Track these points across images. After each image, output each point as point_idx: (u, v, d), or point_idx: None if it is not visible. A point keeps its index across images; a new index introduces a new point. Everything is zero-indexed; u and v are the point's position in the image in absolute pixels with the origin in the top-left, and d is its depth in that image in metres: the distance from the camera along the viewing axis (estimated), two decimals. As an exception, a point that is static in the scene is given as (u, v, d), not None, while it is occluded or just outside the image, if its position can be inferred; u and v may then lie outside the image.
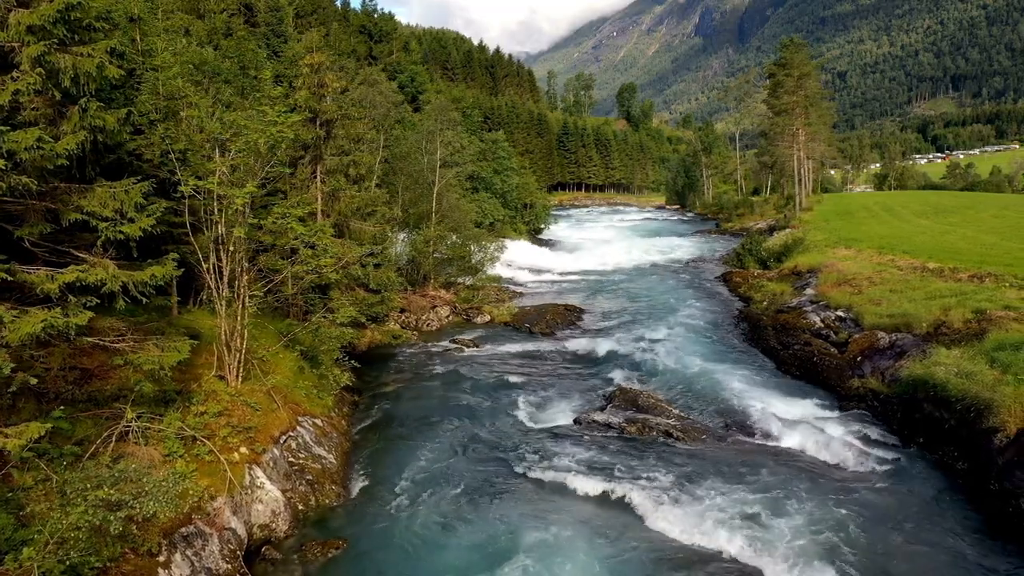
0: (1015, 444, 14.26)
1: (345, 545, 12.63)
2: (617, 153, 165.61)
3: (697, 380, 22.86)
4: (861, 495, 14.69)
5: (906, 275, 28.39)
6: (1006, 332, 18.21)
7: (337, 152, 22.09)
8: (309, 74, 21.48)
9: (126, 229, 10.25)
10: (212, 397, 13.44)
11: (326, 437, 16.01)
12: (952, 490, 14.94)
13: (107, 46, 9.83)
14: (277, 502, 12.96)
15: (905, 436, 17.65)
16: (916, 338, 21.43)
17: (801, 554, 12.34)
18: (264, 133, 12.80)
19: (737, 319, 31.49)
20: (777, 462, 16.33)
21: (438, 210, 33.57)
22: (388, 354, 25.19)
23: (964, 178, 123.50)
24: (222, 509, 11.82)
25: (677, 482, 15.01)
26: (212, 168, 12.90)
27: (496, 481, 15.38)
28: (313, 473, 14.51)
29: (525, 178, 59.06)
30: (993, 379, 15.77)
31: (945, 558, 12.36)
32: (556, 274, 47.16)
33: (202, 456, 12.18)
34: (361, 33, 78.86)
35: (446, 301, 31.99)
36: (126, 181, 10.60)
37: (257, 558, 12.26)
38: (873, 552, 12.46)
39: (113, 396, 12.33)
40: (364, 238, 21.87)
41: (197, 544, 11.16)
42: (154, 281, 10.48)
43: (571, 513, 14.02)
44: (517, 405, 20.57)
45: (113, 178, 11.89)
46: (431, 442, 17.49)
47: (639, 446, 17.21)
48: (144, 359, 10.98)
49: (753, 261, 43.81)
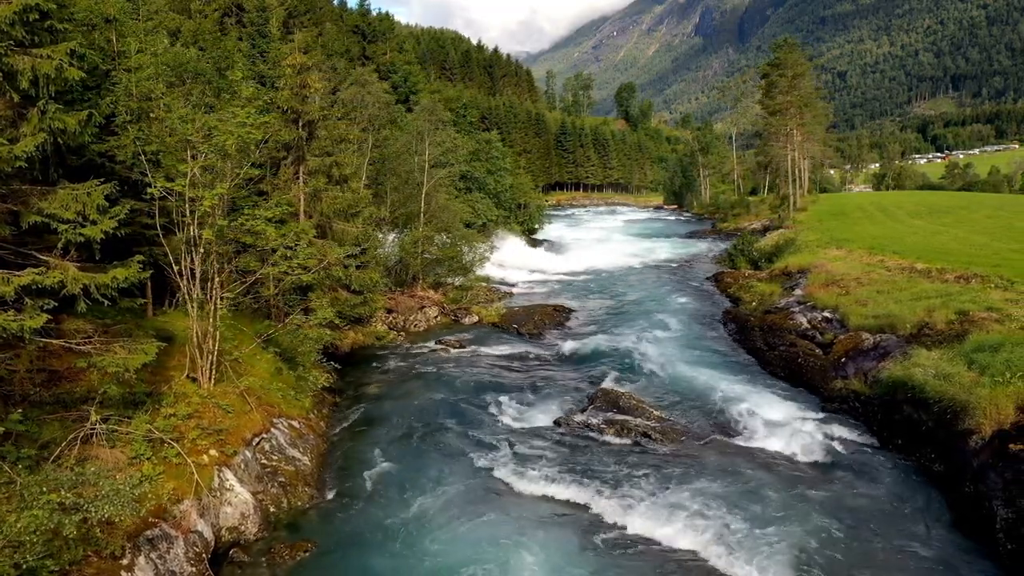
0: (990, 446, 14.21)
1: (314, 547, 12.60)
2: (615, 153, 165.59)
3: (681, 381, 22.84)
4: (835, 497, 14.65)
5: (894, 276, 28.32)
6: (986, 333, 18.15)
7: (320, 153, 22.06)
8: (292, 75, 21.45)
9: (87, 231, 10.22)
10: (182, 399, 13.41)
11: (302, 439, 15.98)
12: (927, 492, 14.90)
13: (68, 48, 9.80)
14: (247, 504, 12.93)
15: (884, 438, 17.61)
16: (900, 339, 21.35)
17: (768, 556, 12.30)
18: (232, 135, 12.77)
19: (725, 320, 31.43)
20: (753, 464, 16.29)
21: (426, 211, 33.53)
22: (372, 355, 25.16)
23: (962, 178, 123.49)
24: (189, 512, 11.79)
25: (650, 484, 14.97)
26: (183, 170, 12.87)
27: (471, 483, 15.35)
28: (286, 475, 14.48)
29: (519, 178, 59.00)
30: (970, 381, 15.71)
31: (913, 561, 12.32)
32: (548, 274, 47.12)
33: (170, 458, 12.15)
34: (355, 33, 78.86)
35: (435, 302, 31.96)
36: (89, 183, 10.58)
37: (225, 561, 12.24)
38: (841, 554, 12.42)
39: (82, 398, 12.30)
40: (347, 239, 21.84)
41: (162, 547, 11.13)
42: (116, 284, 10.45)
43: (543, 516, 13.99)
44: (499, 406, 20.52)
45: (85, 180, 11.87)
46: (409, 444, 17.47)
47: (616, 448, 17.18)
48: (108, 361, 10.95)
49: (745, 261, 43.75)
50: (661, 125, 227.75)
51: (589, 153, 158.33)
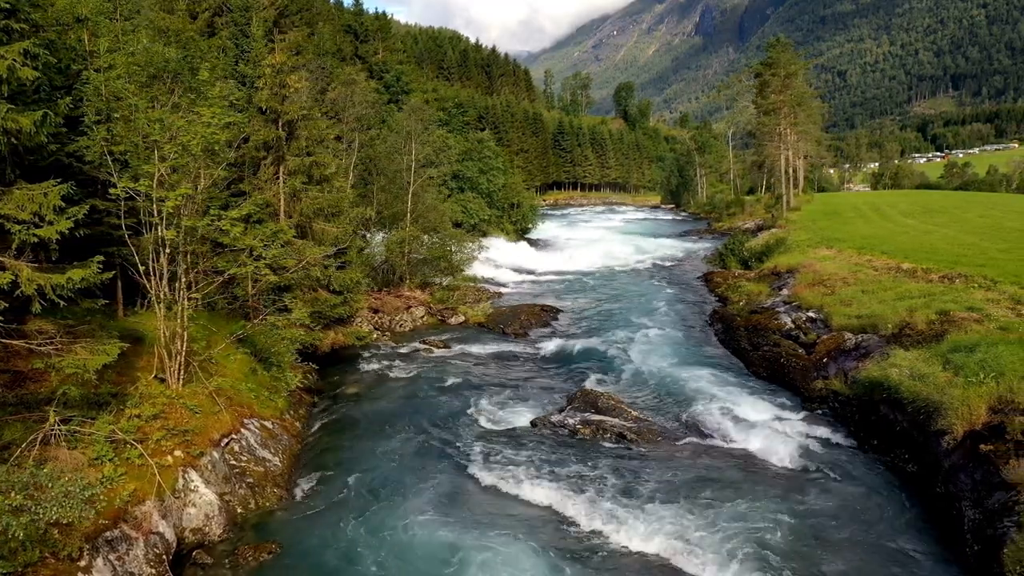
0: (961, 447, 14.15)
1: (278, 548, 12.55)
2: (613, 152, 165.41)
3: (664, 382, 22.78)
4: (807, 497, 14.60)
5: (880, 275, 28.23)
6: (965, 334, 18.08)
7: (300, 153, 21.99)
8: (271, 75, 21.40)
9: (42, 232, 10.17)
10: (148, 400, 13.36)
11: (274, 439, 15.93)
12: (900, 493, 14.86)
13: (21, 48, 9.76)
14: (211, 505, 12.88)
15: (861, 438, 17.57)
16: (881, 339, 21.28)
17: (735, 557, 12.25)
18: (197, 135, 12.71)
19: (712, 320, 31.37)
20: (728, 464, 16.25)
21: (413, 210, 33.47)
22: (354, 355, 25.10)
23: (960, 177, 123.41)
24: (150, 513, 11.74)
25: (622, 485, 14.91)
26: (147, 171, 12.82)
27: (443, 484, 15.29)
28: (255, 476, 14.43)
29: (512, 178, 58.89)
30: (944, 381, 15.64)
31: (880, 563, 12.25)
32: (538, 274, 47.04)
33: (132, 460, 12.10)
34: (347, 32, 78.72)
35: (421, 302, 31.90)
36: (46, 184, 10.53)
37: (188, 562, 12.19)
38: (809, 554, 12.37)
39: (45, 399, 12.26)
40: (327, 239, 21.78)
41: (121, 548, 11.08)
42: (72, 285, 10.40)
43: (513, 517, 13.93)
44: (478, 407, 20.47)
45: (50, 180, 11.80)
46: (384, 444, 17.42)
47: (591, 448, 17.12)
48: (67, 362, 10.90)
49: (735, 261, 43.68)
50: (660, 124, 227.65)
51: (587, 152, 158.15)
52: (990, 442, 13.48)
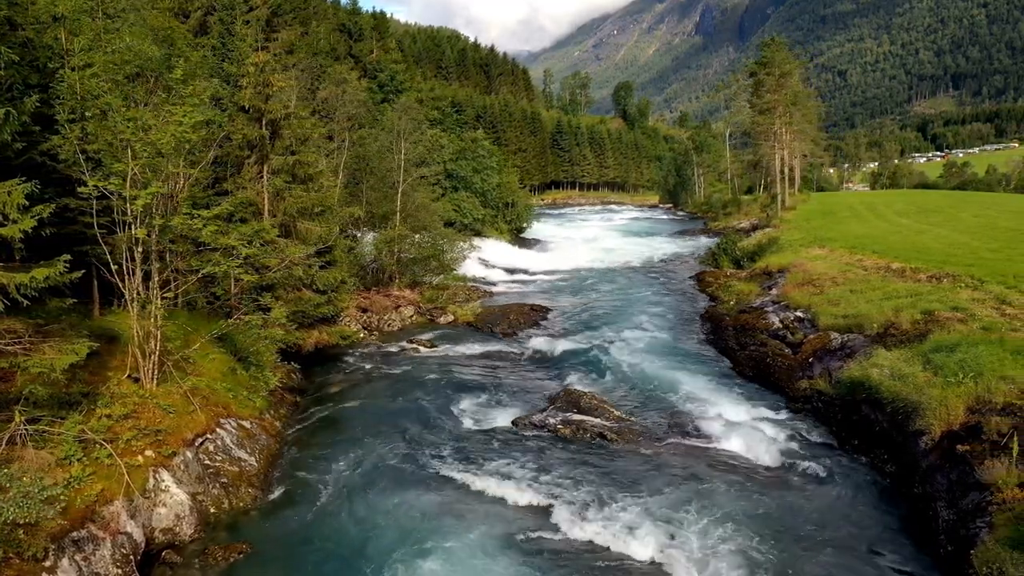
0: (938, 447, 14.08)
1: (248, 548, 12.48)
2: (612, 152, 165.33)
3: (649, 381, 22.71)
4: (785, 497, 14.53)
5: (869, 275, 28.15)
6: (947, 333, 18.00)
7: (284, 152, 21.93)
8: (255, 73, 21.33)
9: (4, 231, 10.12)
10: (119, 399, 13.30)
11: (251, 439, 15.86)
12: (878, 494, 14.79)
13: (-18, 46, 9.70)
14: (182, 505, 12.82)
15: (842, 438, 17.51)
16: (867, 339, 21.20)
17: (711, 557, 12.18)
18: (167, 134, 12.65)
19: (702, 320, 31.31)
20: (708, 464, 16.17)
21: (403, 210, 33.40)
22: (340, 354, 25.03)
23: (959, 176, 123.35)
24: (118, 513, 11.68)
25: (600, 485, 14.83)
26: (118, 170, 12.76)
27: (420, 484, 15.21)
28: (229, 476, 14.37)
29: (507, 177, 58.82)
30: (924, 381, 15.57)
31: (854, 563, 12.18)
32: (531, 273, 46.98)
33: (101, 460, 12.03)
34: (341, 31, 78.70)
35: (410, 301, 31.83)
36: (9, 183, 10.47)
37: (157, 562, 12.13)
38: (784, 555, 12.29)
39: (13, 399, 12.19)
40: (311, 238, 21.72)
41: (87, 549, 11.01)
42: (35, 283, 10.34)
43: (489, 518, 13.85)
44: (461, 407, 20.40)
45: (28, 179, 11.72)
46: (363, 444, 17.34)
47: (571, 448, 17.05)
48: (33, 362, 10.85)
49: (727, 260, 43.61)
50: (659, 124, 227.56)
51: (585, 152, 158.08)
52: (967, 442, 13.41)
